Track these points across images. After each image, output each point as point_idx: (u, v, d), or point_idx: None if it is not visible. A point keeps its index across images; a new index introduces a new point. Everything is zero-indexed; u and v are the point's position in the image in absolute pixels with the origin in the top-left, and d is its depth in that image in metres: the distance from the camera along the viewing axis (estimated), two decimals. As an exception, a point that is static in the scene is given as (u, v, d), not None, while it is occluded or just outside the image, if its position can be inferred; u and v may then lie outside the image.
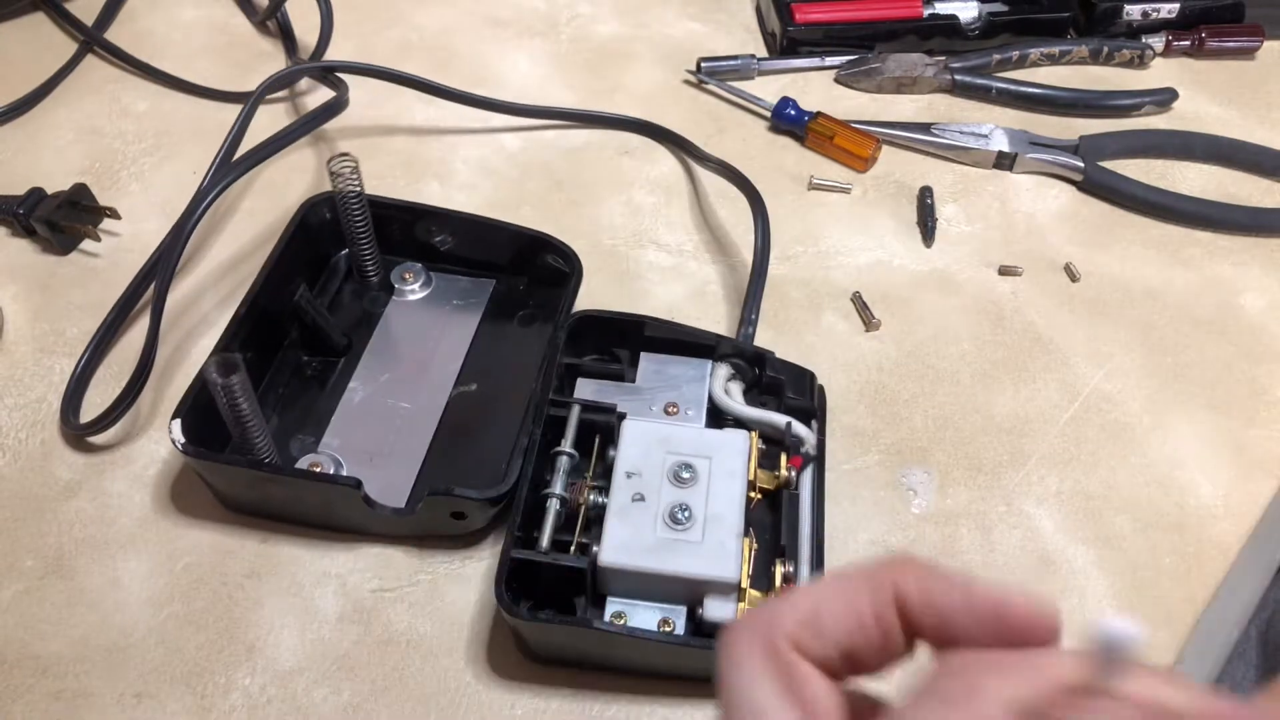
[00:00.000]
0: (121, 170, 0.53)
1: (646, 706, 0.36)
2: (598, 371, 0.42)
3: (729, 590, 0.34)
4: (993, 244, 0.52)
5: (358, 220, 0.44)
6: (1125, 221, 0.54)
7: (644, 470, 0.37)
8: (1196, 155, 0.57)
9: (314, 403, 0.43)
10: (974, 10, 0.62)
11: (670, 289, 0.49)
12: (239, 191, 0.53)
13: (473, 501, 0.37)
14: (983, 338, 0.48)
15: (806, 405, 0.41)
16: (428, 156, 0.55)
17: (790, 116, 0.56)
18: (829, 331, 0.48)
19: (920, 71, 0.59)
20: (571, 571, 0.35)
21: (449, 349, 0.45)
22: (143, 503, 0.41)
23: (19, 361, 0.45)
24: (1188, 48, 0.63)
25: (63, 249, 0.49)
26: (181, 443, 0.36)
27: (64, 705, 0.35)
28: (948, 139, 0.56)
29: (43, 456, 0.42)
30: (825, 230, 0.52)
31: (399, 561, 0.39)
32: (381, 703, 0.36)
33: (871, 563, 0.22)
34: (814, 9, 0.61)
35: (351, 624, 0.38)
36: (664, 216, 0.53)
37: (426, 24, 0.63)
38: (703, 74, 0.60)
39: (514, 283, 0.48)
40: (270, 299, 0.42)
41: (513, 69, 0.61)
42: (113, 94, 0.58)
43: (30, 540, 0.39)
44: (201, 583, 0.38)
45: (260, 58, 0.61)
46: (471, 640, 0.37)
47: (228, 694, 0.36)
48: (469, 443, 0.42)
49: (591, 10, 0.65)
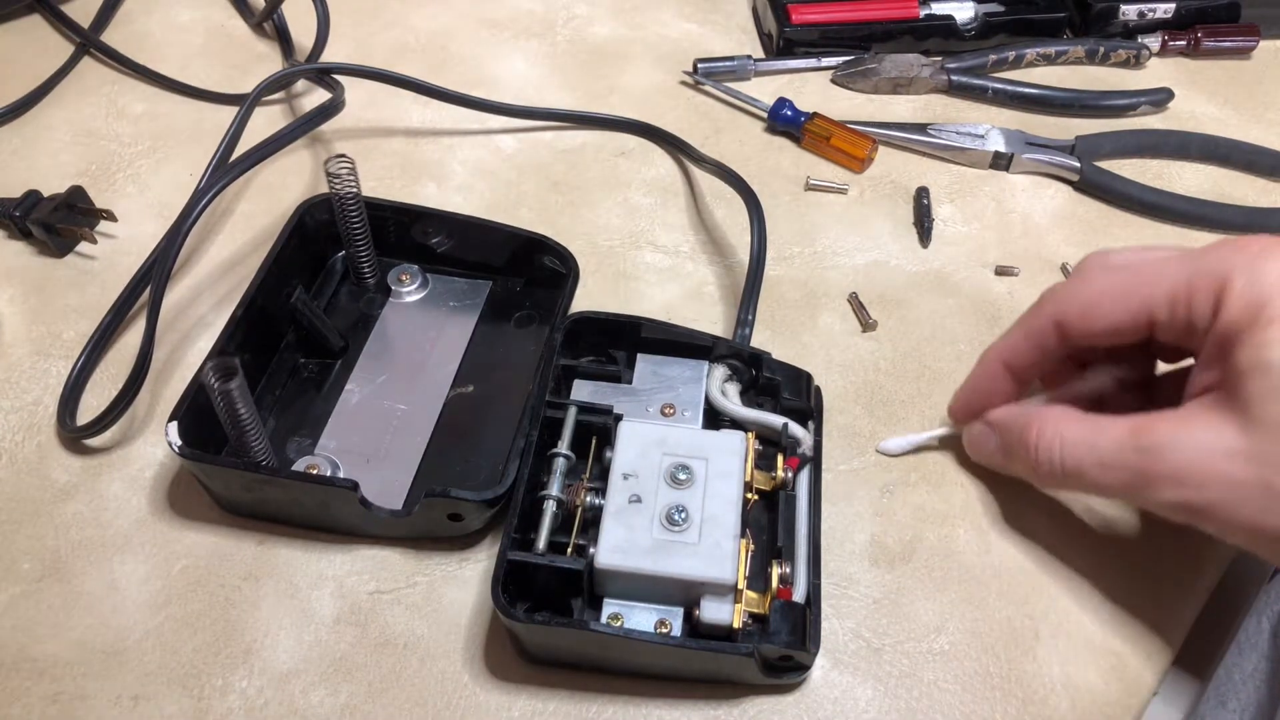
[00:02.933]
0: (118, 172, 0.53)
1: (644, 708, 0.36)
2: (594, 373, 0.42)
3: (726, 591, 0.35)
4: (989, 244, 0.52)
5: (354, 222, 0.44)
6: (1121, 221, 0.54)
7: (641, 472, 0.37)
8: (1192, 155, 0.57)
9: (311, 405, 0.43)
10: (970, 11, 0.62)
11: (667, 290, 0.49)
12: (235, 193, 0.53)
13: (469, 503, 0.37)
14: (979, 338, 0.48)
15: (803, 406, 0.41)
16: (424, 158, 0.55)
17: (787, 117, 0.56)
18: (826, 332, 0.48)
19: (916, 72, 0.59)
20: (568, 573, 0.35)
21: (446, 351, 0.45)
22: (139, 505, 0.41)
23: (15, 364, 0.45)
24: (1183, 47, 0.63)
25: (59, 251, 0.49)
26: (178, 445, 0.36)
27: (61, 708, 0.35)
28: (944, 139, 0.56)
29: (39, 459, 0.42)
30: (822, 231, 0.52)
31: (396, 563, 0.39)
32: (378, 704, 0.36)
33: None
34: (810, 10, 0.61)
35: (348, 626, 0.38)
36: (661, 217, 0.53)
37: (423, 26, 0.63)
38: (699, 75, 0.60)
39: (511, 284, 0.48)
40: (267, 301, 0.42)
41: (509, 70, 0.61)
42: (109, 96, 0.58)
43: (27, 543, 0.39)
44: (198, 585, 0.38)
45: (257, 60, 0.61)
46: (468, 642, 0.37)
47: (225, 696, 0.36)
48: (466, 444, 0.42)
49: (588, 11, 0.65)
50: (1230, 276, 0.31)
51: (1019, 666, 0.37)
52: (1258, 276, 0.31)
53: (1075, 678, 0.37)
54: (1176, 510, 0.32)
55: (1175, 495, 0.32)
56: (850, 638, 0.38)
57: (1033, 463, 0.36)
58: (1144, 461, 0.32)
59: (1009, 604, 0.39)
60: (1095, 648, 0.38)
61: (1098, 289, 0.35)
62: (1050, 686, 0.37)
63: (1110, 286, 0.35)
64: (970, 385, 0.40)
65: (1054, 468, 0.35)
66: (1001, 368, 0.39)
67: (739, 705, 0.36)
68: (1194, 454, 0.31)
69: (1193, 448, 0.31)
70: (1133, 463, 0.32)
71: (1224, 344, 0.31)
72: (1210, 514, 0.32)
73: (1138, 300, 0.34)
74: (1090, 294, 0.35)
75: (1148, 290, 0.34)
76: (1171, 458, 0.32)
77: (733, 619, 0.34)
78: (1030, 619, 0.38)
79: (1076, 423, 0.35)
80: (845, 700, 0.36)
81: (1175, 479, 0.32)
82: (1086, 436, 0.34)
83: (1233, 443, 0.31)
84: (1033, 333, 0.38)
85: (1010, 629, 0.38)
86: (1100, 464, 0.34)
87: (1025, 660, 0.37)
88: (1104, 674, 0.37)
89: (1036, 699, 0.37)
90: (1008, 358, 0.39)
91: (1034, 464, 0.36)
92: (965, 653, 0.38)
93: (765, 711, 0.36)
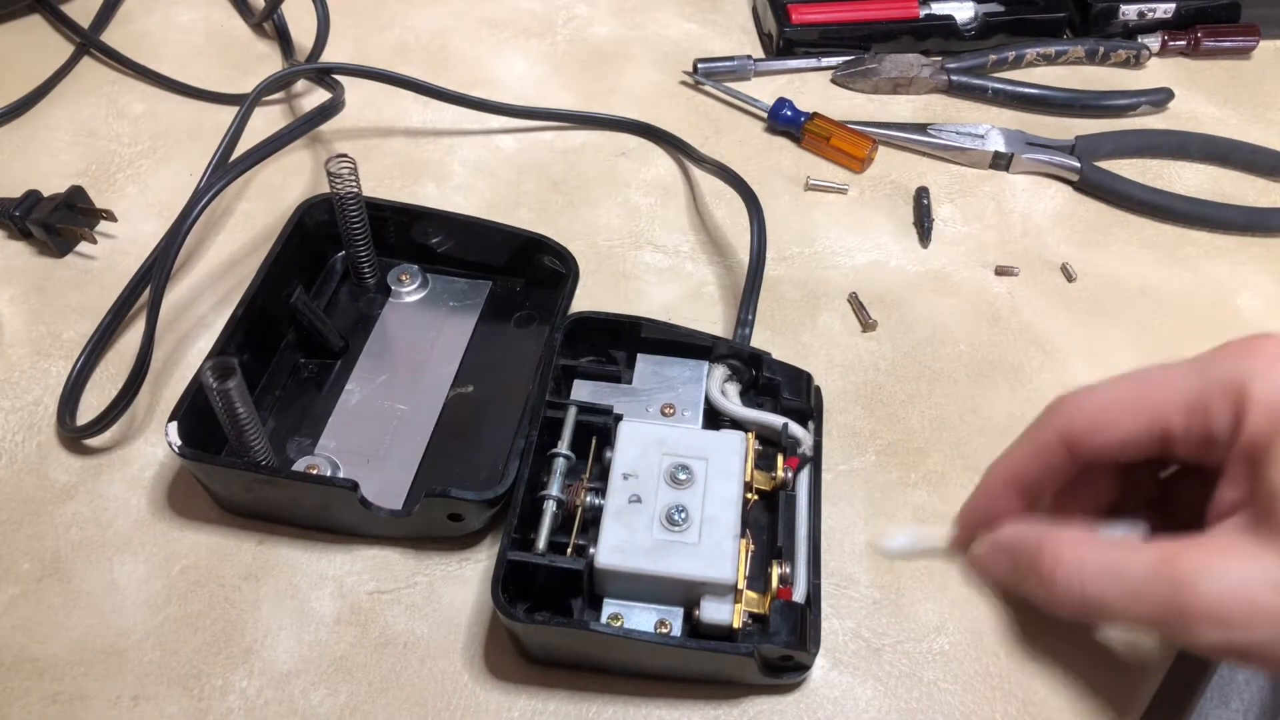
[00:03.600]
0: (118, 172, 0.53)
1: (643, 708, 0.36)
2: (594, 373, 0.42)
3: (725, 591, 0.35)
4: (989, 244, 0.52)
5: (355, 222, 0.44)
6: (1121, 221, 0.54)
7: (640, 472, 0.37)
8: (1192, 155, 0.57)
9: (311, 405, 0.43)
10: (970, 11, 0.62)
11: (667, 290, 0.49)
12: (235, 193, 0.53)
13: (469, 503, 0.37)
14: (979, 338, 0.48)
15: (803, 406, 0.41)
16: (424, 158, 0.55)
17: (787, 117, 0.56)
18: (826, 332, 0.48)
19: (916, 72, 0.59)
20: (568, 573, 0.35)
21: (446, 351, 0.45)
22: (139, 505, 0.41)
23: (15, 364, 0.45)
24: (1183, 47, 0.63)
25: (59, 251, 0.49)
26: (178, 445, 0.36)
27: (61, 708, 0.35)
28: (944, 139, 0.56)
29: (39, 459, 0.42)
30: (822, 231, 0.52)
31: (396, 563, 0.39)
32: (378, 704, 0.36)
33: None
34: (810, 10, 0.61)
35: (348, 626, 0.38)
36: (661, 218, 0.53)
37: (423, 26, 0.63)
38: (699, 75, 0.60)
39: (511, 284, 0.48)
40: (267, 301, 0.42)
41: (509, 70, 0.61)
42: (109, 96, 0.58)
43: (27, 543, 0.39)
44: (198, 585, 0.38)
45: (257, 60, 0.61)
46: (468, 642, 0.37)
47: (225, 696, 0.36)
48: (466, 444, 0.42)
49: (588, 11, 0.65)
50: (1248, 385, 0.29)
51: (1019, 666, 0.37)
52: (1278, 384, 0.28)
53: (1075, 678, 0.37)
54: (1217, 651, 0.29)
55: (1219, 636, 0.28)
56: (850, 638, 0.38)
57: (1049, 593, 0.31)
58: (1179, 597, 0.28)
59: (1009, 604, 0.39)
60: (1095, 647, 0.38)
61: (1106, 399, 0.32)
62: (1051, 686, 0.37)
63: (1120, 396, 0.32)
64: (976, 500, 0.36)
65: (1074, 598, 0.31)
66: (1008, 487, 0.35)
67: (739, 705, 0.36)
68: (1234, 588, 0.28)
69: (1232, 582, 0.28)
70: (1167, 598, 0.29)
71: (1251, 459, 0.29)
72: (1257, 654, 0.28)
73: (1150, 410, 0.31)
74: (1099, 404, 0.32)
75: (1160, 397, 0.31)
76: (1209, 593, 0.28)
77: (733, 619, 0.34)
78: (1030, 619, 0.38)
79: (1097, 550, 0.31)
80: (845, 700, 0.36)
81: (1217, 619, 0.28)
82: (1110, 566, 0.30)
83: (1275, 572, 0.27)
84: (1040, 450, 0.34)
85: (1010, 629, 0.38)
86: (1128, 597, 0.30)
87: (1025, 660, 0.37)
88: (1104, 673, 0.37)
89: (1036, 699, 0.37)
90: (1014, 476, 0.35)
91: (1050, 591, 0.31)
92: (965, 653, 0.38)
93: (765, 711, 0.36)
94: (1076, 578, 0.31)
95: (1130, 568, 0.30)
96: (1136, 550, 0.30)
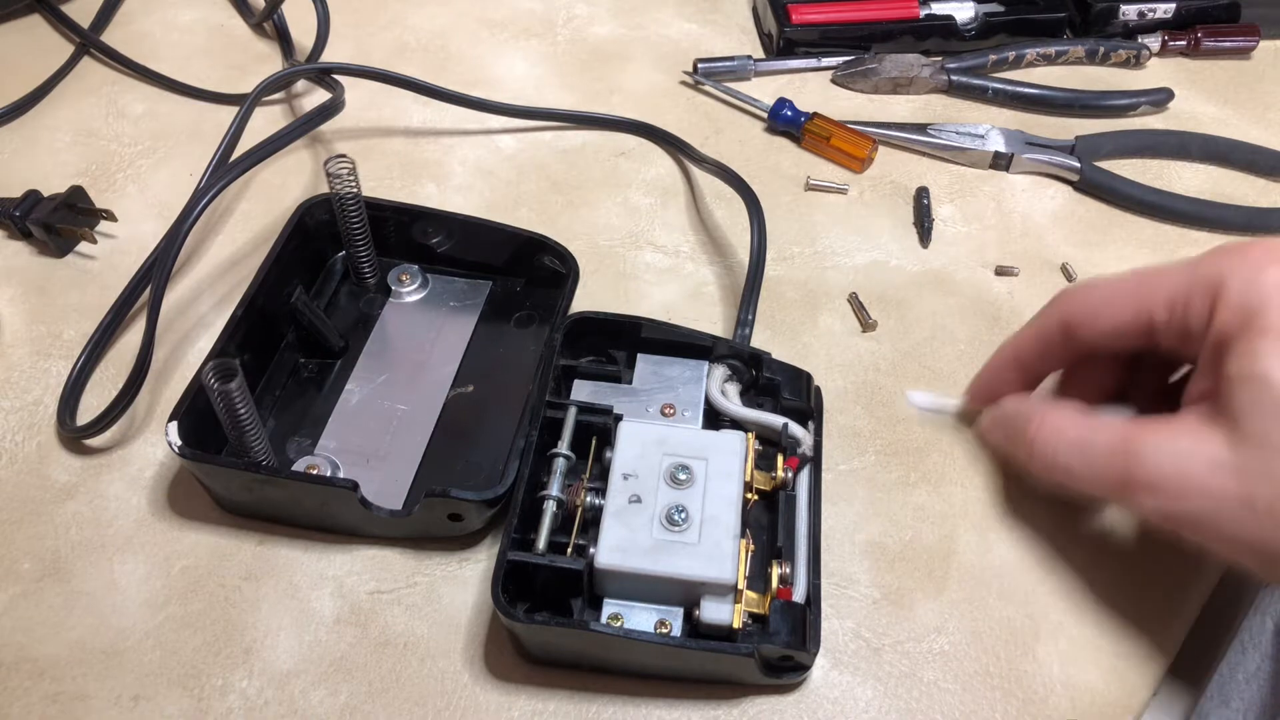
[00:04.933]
0: (118, 172, 0.53)
1: (643, 708, 0.36)
2: (594, 373, 0.42)
3: (725, 591, 0.35)
4: (989, 244, 0.52)
5: (355, 222, 0.44)
6: (1121, 221, 0.54)
7: (640, 472, 0.37)
8: (1192, 155, 0.57)
9: (311, 405, 0.43)
10: (970, 11, 0.62)
11: (667, 290, 0.49)
12: (235, 193, 0.53)
13: (469, 503, 0.37)
14: (979, 338, 0.48)
15: (803, 406, 0.41)
16: (424, 158, 0.55)
17: (787, 117, 0.56)
18: (826, 332, 0.48)
19: (916, 72, 0.59)
20: (568, 573, 0.35)
21: (446, 351, 0.45)
22: (139, 505, 0.41)
23: (15, 364, 0.45)
24: (1183, 47, 0.63)
25: (59, 251, 0.49)
26: (178, 445, 0.36)
27: (60, 708, 0.35)
28: (944, 139, 0.56)
29: (39, 459, 0.42)
30: (822, 231, 0.52)
31: (396, 563, 0.39)
32: (379, 704, 0.36)
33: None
34: (810, 10, 0.61)
35: (348, 626, 0.38)
36: (661, 218, 0.53)
37: (423, 26, 0.63)
38: (699, 75, 0.60)
39: (511, 284, 0.48)
40: (267, 301, 0.42)
41: (509, 70, 0.61)
42: (109, 96, 0.58)
43: (27, 543, 0.39)
44: (198, 585, 0.38)
45: (257, 60, 0.61)
46: (468, 642, 0.37)
47: (225, 696, 0.36)
48: (466, 444, 0.42)
49: (588, 11, 0.65)
50: (1225, 282, 0.31)
51: (1019, 666, 0.37)
52: (1252, 284, 0.31)
53: (1075, 678, 0.37)
54: (1157, 519, 0.32)
55: (1154, 503, 0.32)
56: (850, 638, 0.38)
57: (1029, 456, 0.36)
58: (1127, 466, 0.32)
59: (1009, 604, 0.39)
60: (1095, 647, 0.38)
61: (1104, 292, 0.36)
62: (1050, 686, 0.37)
63: (1116, 290, 0.36)
64: (984, 375, 0.42)
65: (1047, 464, 0.35)
66: (1012, 362, 0.40)
67: (739, 705, 0.36)
68: (1175, 462, 0.31)
69: (1174, 456, 0.31)
70: (1118, 466, 0.33)
71: (1217, 351, 0.31)
72: (1189, 525, 0.31)
73: (1139, 303, 0.34)
74: (1098, 296, 0.36)
75: (1149, 293, 0.34)
76: (1153, 464, 0.32)
77: (733, 619, 0.34)
78: (1030, 619, 0.38)
79: (1076, 422, 0.35)
80: (845, 700, 0.36)
81: (1154, 486, 0.31)
82: (1082, 436, 0.34)
83: (1216, 454, 0.30)
84: (1041, 331, 0.38)
85: (1010, 629, 0.38)
86: (1089, 465, 0.34)
87: (1025, 660, 0.37)
88: (1104, 673, 0.37)
89: (1036, 699, 0.37)
90: (1017, 356, 0.40)
91: (1029, 457, 0.36)
92: (965, 653, 0.38)
93: (765, 711, 0.36)
94: (1051, 445, 0.35)
95: (1097, 440, 0.34)
96: (1107, 426, 0.34)
